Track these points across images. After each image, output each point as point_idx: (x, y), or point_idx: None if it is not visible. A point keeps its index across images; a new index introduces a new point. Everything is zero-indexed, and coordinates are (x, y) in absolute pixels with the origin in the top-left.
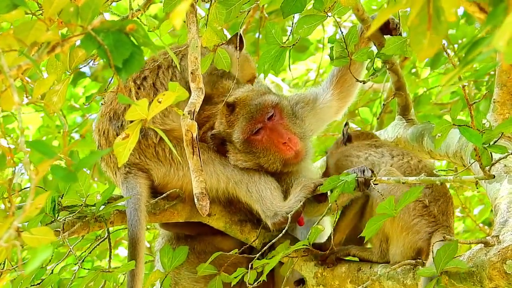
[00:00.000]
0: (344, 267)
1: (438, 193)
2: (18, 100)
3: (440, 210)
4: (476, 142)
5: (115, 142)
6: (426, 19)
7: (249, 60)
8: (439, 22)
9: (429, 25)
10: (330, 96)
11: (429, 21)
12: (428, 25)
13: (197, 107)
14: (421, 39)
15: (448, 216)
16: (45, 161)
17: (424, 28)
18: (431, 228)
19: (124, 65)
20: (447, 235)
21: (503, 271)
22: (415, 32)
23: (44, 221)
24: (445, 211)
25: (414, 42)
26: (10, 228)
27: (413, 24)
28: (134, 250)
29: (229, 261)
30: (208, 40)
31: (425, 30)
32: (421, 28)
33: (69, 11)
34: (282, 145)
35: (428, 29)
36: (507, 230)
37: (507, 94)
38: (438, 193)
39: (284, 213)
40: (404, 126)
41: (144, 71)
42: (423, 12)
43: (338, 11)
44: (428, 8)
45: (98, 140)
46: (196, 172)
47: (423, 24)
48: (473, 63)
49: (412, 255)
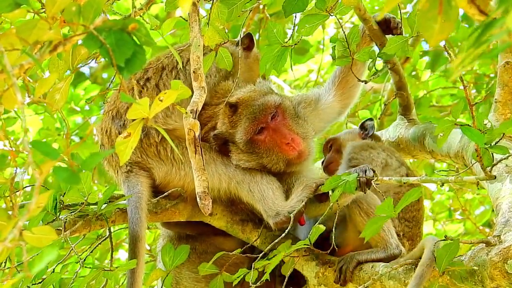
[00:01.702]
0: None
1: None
2: (21, 99)
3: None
4: (478, 141)
5: (117, 141)
6: (436, 3)
7: (259, 60)
8: (450, 6)
9: (440, 9)
10: (333, 97)
11: (440, 5)
12: (440, 9)
13: (199, 106)
14: (432, 24)
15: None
16: (48, 161)
17: (435, 13)
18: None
19: (126, 64)
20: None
21: (504, 271)
22: (425, 17)
23: (45, 219)
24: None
25: (424, 28)
26: (14, 228)
27: (424, 8)
28: (135, 248)
29: (230, 261)
30: (210, 39)
31: (436, 15)
32: (432, 13)
33: (72, 10)
34: (285, 145)
35: (439, 13)
36: (509, 230)
37: (509, 94)
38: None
39: (286, 213)
40: (405, 126)
41: (148, 71)
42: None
43: (340, 10)
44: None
45: (100, 139)
46: (198, 171)
47: (433, 9)
48: (488, 43)
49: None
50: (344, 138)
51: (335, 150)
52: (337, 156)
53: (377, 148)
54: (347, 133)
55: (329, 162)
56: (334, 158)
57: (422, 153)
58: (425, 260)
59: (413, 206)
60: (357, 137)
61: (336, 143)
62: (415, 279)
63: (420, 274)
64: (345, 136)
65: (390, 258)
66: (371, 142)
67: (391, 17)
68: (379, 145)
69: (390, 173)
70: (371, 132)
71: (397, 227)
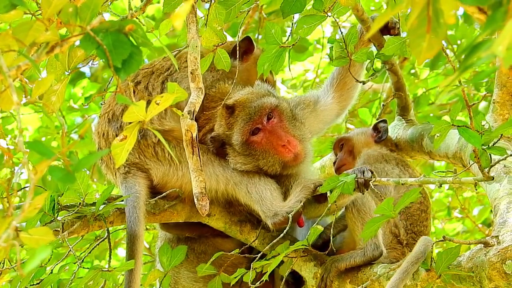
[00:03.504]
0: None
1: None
2: (17, 100)
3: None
4: (475, 143)
5: (113, 143)
6: (425, 22)
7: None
8: (438, 24)
9: (428, 28)
10: (331, 99)
11: (428, 23)
12: (428, 27)
13: (196, 107)
14: (421, 41)
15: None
16: (43, 161)
17: (424, 30)
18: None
19: (123, 65)
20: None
21: (502, 271)
22: (414, 34)
23: (43, 220)
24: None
25: (413, 45)
26: (8, 228)
27: (413, 26)
28: (133, 247)
29: (229, 261)
30: (208, 40)
31: (425, 32)
32: (421, 31)
33: (68, 12)
34: (281, 147)
35: (427, 31)
36: (507, 230)
37: (507, 94)
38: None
39: (284, 213)
40: (403, 126)
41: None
42: (423, 14)
43: (337, 11)
44: (427, 10)
45: (98, 142)
46: (195, 172)
47: (422, 27)
48: (473, 68)
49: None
50: (357, 139)
51: (347, 151)
52: (349, 159)
53: (391, 161)
54: (360, 134)
55: (341, 164)
56: (347, 161)
57: (420, 154)
58: (412, 257)
59: (422, 222)
60: (370, 139)
61: (348, 144)
62: (397, 274)
63: (404, 269)
64: (357, 138)
65: (370, 260)
66: (386, 153)
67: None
68: (393, 157)
69: (403, 190)
70: (384, 136)
71: (402, 236)
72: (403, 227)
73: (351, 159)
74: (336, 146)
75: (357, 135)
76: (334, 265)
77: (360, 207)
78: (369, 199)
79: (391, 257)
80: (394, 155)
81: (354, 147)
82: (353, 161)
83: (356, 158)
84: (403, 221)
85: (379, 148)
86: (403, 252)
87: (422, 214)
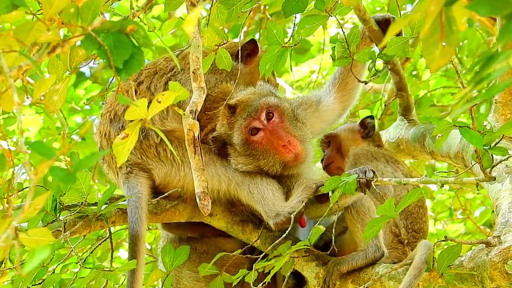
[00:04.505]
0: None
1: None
2: (18, 100)
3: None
4: (477, 144)
5: (114, 142)
6: (438, 29)
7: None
8: (451, 31)
9: (441, 35)
10: (333, 99)
11: (441, 31)
12: (441, 34)
13: (198, 106)
14: (433, 49)
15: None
16: (44, 161)
17: (437, 38)
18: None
19: (124, 66)
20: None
21: (504, 271)
22: (427, 43)
23: (45, 220)
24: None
25: (426, 53)
26: (8, 228)
27: (425, 35)
28: (135, 247)
29: (230, 261)
30: (210, 40)
31: (437, 40)
32: (433, 39)
33: (69, 12)
34: (281, 147)
35: (440, 39)
36: (509, 230)
37: (509, 94)
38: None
39: (286, 213)
40: (405, 126)
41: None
42: (436, 22)
43: (339, 11)
44: (440, 18)
45: (99, 142)
46: (197, 172)
47: (435, 35)
48: (488, 80)
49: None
50: (344, 136)
51: (334, 149)
52: (337, 156)
53: (380, 158)
54: (347, 131)
55: (330, 162)
56: (335, 158)
57: (422, 153)
58: (413, 269)
59: (421, 219)
60: (357, 136)
61: (335, 141)
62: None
63: (407, 283)
64: (345, 134)
65: (371, 262)
66: (374, 150)
67: (391, 17)
68: (382, 154)
69: (398, 188)
70: (371, 133)
71: (403, 235)
72: (404, 227)
73: (339, 156)
74: (323, 143)
75: (344, 132)
76: (336, 268)
77: (359, 208)
78: (368, 199)
79: (392, 257)
80: (382, 151)
81: (342, 144)
82: (341, 158)
83: (344, 155)
84: (403, 220)
85: (366, 145)
86: (404, 251)
87: (420, 210)
